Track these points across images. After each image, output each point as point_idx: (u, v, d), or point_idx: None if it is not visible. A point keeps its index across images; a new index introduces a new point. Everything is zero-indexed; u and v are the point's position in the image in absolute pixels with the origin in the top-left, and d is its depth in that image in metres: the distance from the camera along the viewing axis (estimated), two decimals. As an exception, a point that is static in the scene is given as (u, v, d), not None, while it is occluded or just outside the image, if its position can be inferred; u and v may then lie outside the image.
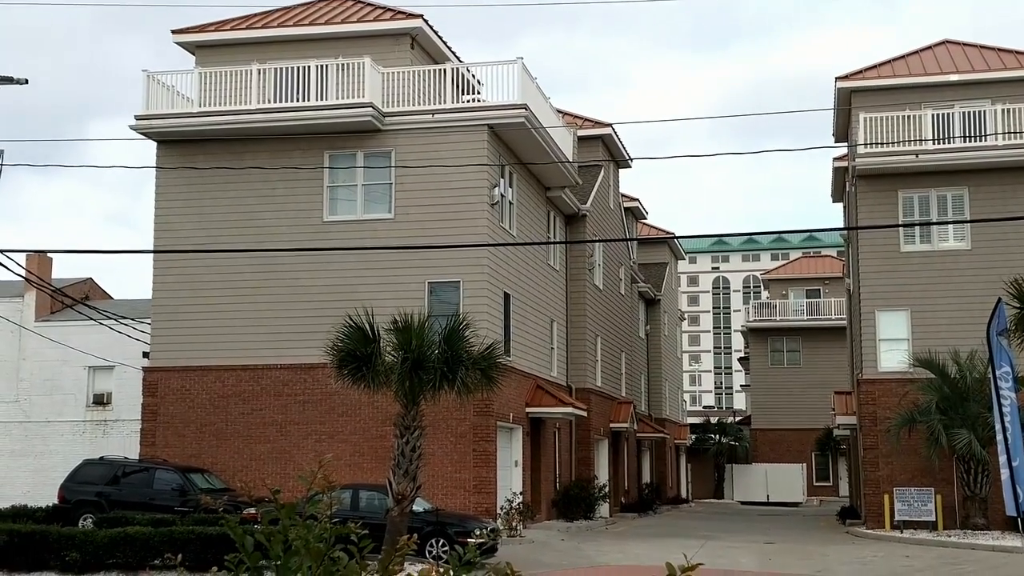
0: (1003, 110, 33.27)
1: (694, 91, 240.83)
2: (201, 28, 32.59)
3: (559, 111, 37.11)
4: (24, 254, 33.41)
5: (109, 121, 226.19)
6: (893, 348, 34.21)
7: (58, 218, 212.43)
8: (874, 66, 36.47)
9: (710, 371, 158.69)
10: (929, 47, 37.68)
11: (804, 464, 64.62)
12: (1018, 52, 35.87)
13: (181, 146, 31.37)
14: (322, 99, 30.16)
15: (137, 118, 30.92)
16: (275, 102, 30.48)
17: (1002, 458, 20.94)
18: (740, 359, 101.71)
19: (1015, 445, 20.73)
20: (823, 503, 60.51)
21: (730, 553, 26.23)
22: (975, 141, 33.56)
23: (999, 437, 20.97)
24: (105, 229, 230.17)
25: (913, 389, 32.56)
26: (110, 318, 33.82)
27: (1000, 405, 20.73)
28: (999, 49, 36.45)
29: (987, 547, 27.61)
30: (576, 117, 42.66)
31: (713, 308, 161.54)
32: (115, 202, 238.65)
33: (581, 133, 40.22)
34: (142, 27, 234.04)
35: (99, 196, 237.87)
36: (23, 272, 29.65)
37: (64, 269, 41.27)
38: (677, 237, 56.30)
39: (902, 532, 31.14)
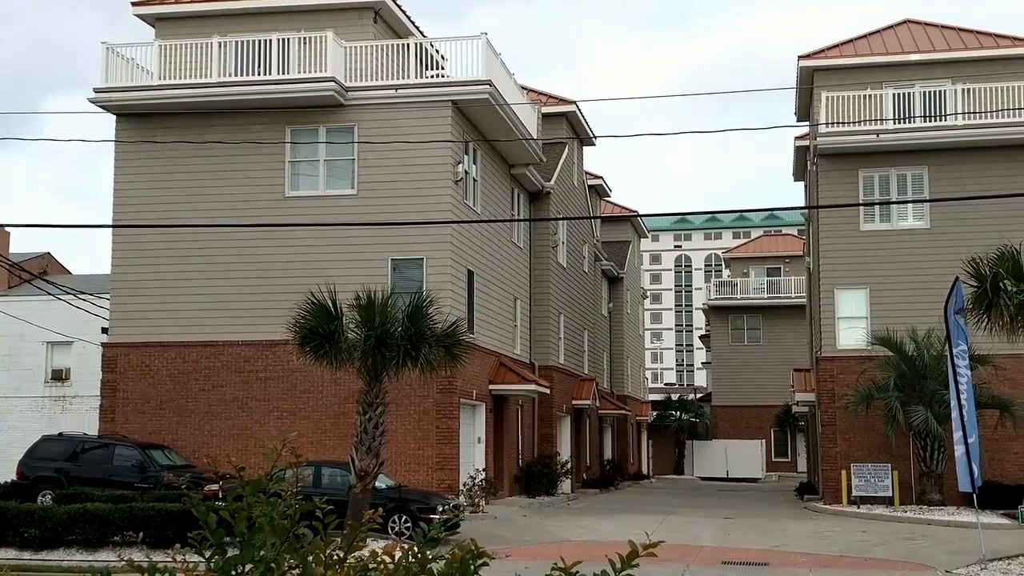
0: (963, 90, 33.56)
1: (654, 69, 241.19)
2: (161, 0, 32.18)
3: (523, 88, 37.02)
4: (-20, 228, 32.98)
5: (61, 94, 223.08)
6: (852, 326, 34.55)
7: (13, 192, 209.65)
8: (836, 45, 36.68)
9: (671, 348, 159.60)
10: (891, 26, 37.92)
11: (763, 440, 65.24)
12: (979, 32, 36.18)
13: (141, 119, 31.00)
14: (284, 73, 29.90)
15: (96, 91, 30.51)
16: (236, 76, 30.17)
17: (957, 435, 21.25)
18: (701, 337, 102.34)
19: (970, 422, 21.04)
20: (782, 479, 61.14)
21: (690, 528, 26.48)
22: (935, 121, 33.85)
23: (955, 414, 21.27)
24: (60, 203, 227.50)
25: (871, 367, 32.94)
26: (69, 293, 33.49)
27: (957, 383, 21.00)
28: (960, 29, 36.74)
29: (942, 522, 28.04)
30: (540, 94, 42.58)
31: (675, 286, 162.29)
32: (70, 176, 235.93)
33: (545, 110, 40.17)
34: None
35: (53, 170, 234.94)
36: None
37: (21, 243, 40.83)
38: (640, 215, 56.65)
39: (859, 507, 31.53)
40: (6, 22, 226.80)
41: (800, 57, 35.87)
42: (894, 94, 34.18)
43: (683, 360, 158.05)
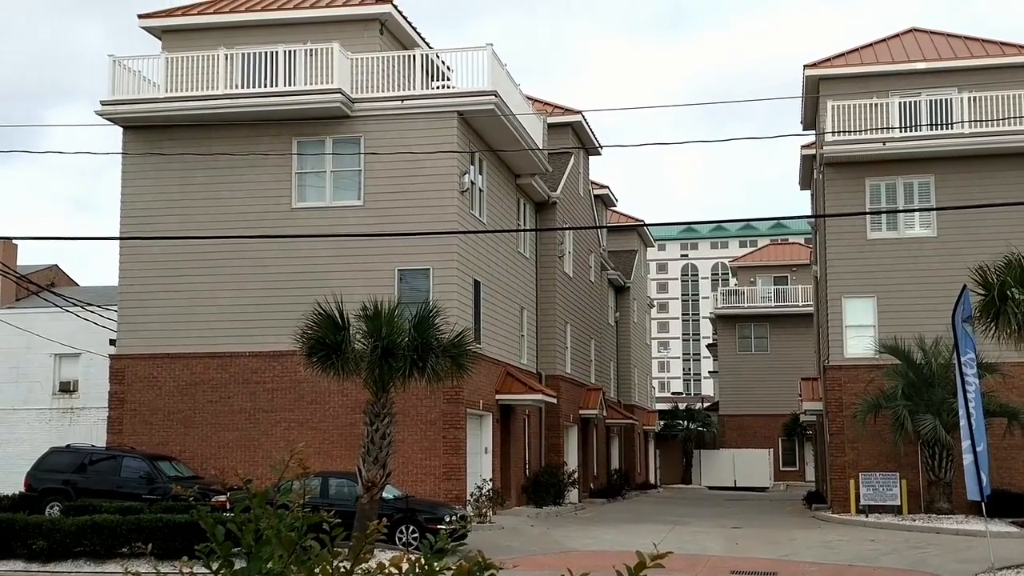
0: (969, 98, 33.54)
1: (655, 71, 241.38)
2: (168, 12, 32.31)
3: (529, 98, 37.08)
4: (-12, 240, 33.08)
5: (67, 106, 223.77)
6: (859, 334, 34.49)
7: (20, 204, 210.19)
8: (842, 54, 36.66)
9: (679, 358, 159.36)
10: (897, 35, 37.92)
11: (771, 449, 65.06)
12: (985, 40, 36.16)
13: (147, 132, 31.10)
14: (290, 85, 29.97)
15: (103, 103, 30.62)
16: (243, 87, 30.24)
17: (965, 443, 21.17)
18: (708, 346, 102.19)
19: (979, 431, 20.97)
20: (790, 488, 60.96)
21: (698, 538, 26.41)
22: (942, 129, 33.82)
23: (963, 423, 21.19)
24: (68, 215, 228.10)
25: (879, 375, 32.86)
26: (76, 305, 33.56)
27: (964, 391, 20.94)
28: (966, 37, 36.72)
29: (951, 531, 27.94)
30: (546, 104, 42.63)
31: (682, 295, 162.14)
32: (76, 187, 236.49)
33: (551, 120, 40.21)
34: (97, 12, 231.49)
35: (60, 182, 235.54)
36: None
37: (29, 255, 40.97)
38: (646, 224, 56.45)
39: (867, 516, 31.44)
40: (12, 34, 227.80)
41: (806, 66, 35.86)
42: (900, 103, 34.15)
43: (690, 369, 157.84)
